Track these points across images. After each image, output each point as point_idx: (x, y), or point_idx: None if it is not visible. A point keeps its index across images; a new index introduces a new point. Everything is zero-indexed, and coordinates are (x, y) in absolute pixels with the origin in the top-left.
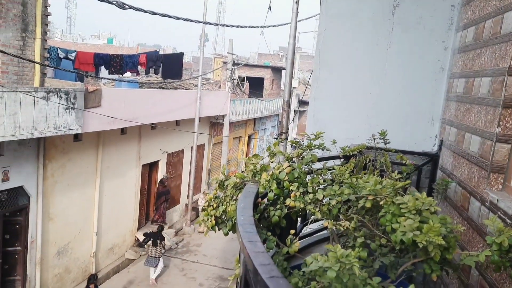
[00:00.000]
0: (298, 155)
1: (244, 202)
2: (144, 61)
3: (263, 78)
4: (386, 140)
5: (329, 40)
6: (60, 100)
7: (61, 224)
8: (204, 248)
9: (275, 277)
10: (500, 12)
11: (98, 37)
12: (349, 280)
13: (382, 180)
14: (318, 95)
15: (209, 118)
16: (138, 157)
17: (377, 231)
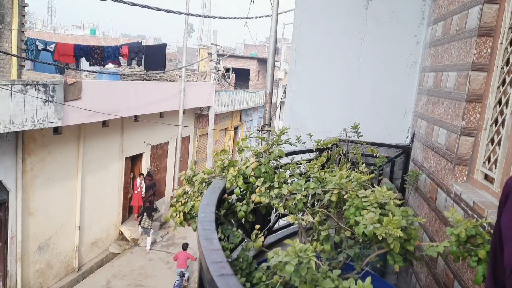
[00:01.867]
0: (266, 150)
1: (208, 199)
2: (126, 52)
3: (249, 69)
4: (359, 133)
5: (304, 34)
6: (38, 93)
7: (42, 219)
8: (189, 241)
9: (224, 275)
10: (465, 8)
11: (81, 28)
12: (307, 273)
13: (350, 173)
14: (294, 88)
15: (194, 110)
16: (121, 150)
17: (343, 224)
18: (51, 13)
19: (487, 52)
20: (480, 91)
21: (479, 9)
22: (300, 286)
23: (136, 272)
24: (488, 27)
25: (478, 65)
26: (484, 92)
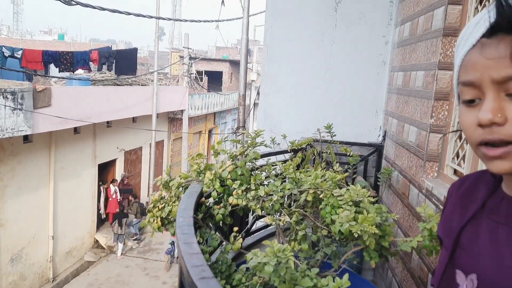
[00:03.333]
0: (241, 153)
1: (186, 203)
2: (96, 57)
3: (222, 71)
4: (332, 133)
5: (276, 36)
6: (6, 101)
7: (13, 229)
8: (166, 246)
9: (205, 278)
10: (430, 9)
11: (48, 33)
12: (286, 273)
13: (325, 173)
14: (267, 90)
15: (168, 114)
16: (94, 156)
17: (319, 223)
18: (17, 19)
19: (452, 51)
20: (447, 89)
21: (444, 10)
22: (279, 286)
23: (113, 280)
24: (452, 27)
25: (445, 64)
26: (450, 90)
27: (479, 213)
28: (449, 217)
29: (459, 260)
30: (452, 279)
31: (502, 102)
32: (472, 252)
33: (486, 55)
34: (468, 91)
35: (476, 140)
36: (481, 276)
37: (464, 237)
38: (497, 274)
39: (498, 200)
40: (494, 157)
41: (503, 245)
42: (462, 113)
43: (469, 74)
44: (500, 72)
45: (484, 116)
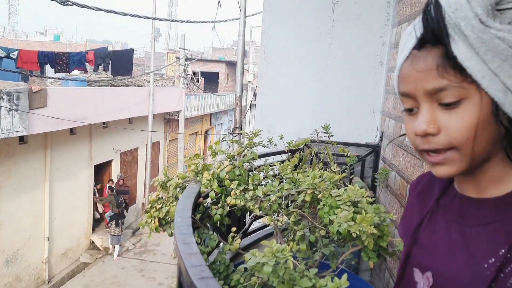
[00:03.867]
0: (239, 153)
1: (184, 203)
2: (92, 58)
3: (218, 72)
4: (329, 134)
5: (273, 37)
6: (2, 101)
7: (9, 230)
8: (162, 247)
9: (204, 278)
10: None
11: (44, 34)
12: (285, 273)
13: (323, 173)
14: (264, 90)
15: (164, 115)
16: (90, 157)
17: (317, 224)
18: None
19: None
20: None
21: None
22: (278, 286)
23: (109, 281)
24: None
25: None
26: None
27: (435, 211)
28: (408, 216)
29: (416, 258)
30: (411, 277)
31: (435, 112)
32: (428, 250)
33: (416, 68)
34: (406, 101)
35: (417, 148)
36: (436, 274)
37: (421, 235)
38: (450, 271)
39: (451, 197)
40: (435, 163)
41: (454, 243)
42: (405, 121)
43: (405, 86)
44: (430, 84)
45: (418, 128)
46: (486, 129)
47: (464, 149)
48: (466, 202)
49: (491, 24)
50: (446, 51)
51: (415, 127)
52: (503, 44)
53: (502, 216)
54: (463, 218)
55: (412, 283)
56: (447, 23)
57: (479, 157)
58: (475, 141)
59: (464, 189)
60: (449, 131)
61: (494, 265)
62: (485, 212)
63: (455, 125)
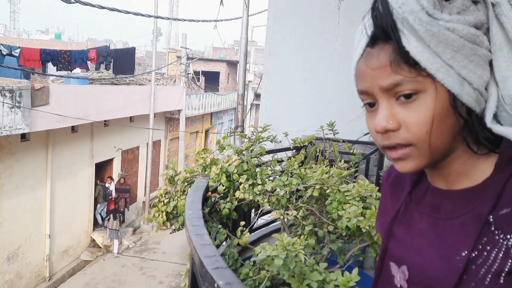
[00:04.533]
0: (247, 148)
1: (193, 196)
2: (94, 56)
3: (219, 72)
4: (335, 131)
5: (278, 34)
6: (4, 98)
7: (10, 228)
8: (163, 246)
9: (219, 268)
10: None
11: (45, 32)
12: (296, 267)
13: (330, 169)
14: (269, 88)
15: (165, 114)
16: (91, 156)
17: (325, 219)
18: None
19: None
20: None
21: None
22: (288, 280)
23: (109, 279)
24: None
25: None
26: None
27: (408, 204)
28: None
29: (393, 252)
30: (387, 272)
31: (394, 108)
32: (403, 243)
33: (371, 66)
34: (366, 99)
35: (379, 144)
36: (411, 267)
37: (396, 229)
38: (424, 265)
39: (423, 190)
40: (395, 159)
41: (428, 236)
42: (367, 118)
43: (362, 83)
44: (385, 81)
45: (378, 124)
46: (445, 122)
47: (423, 143)
48: (438, 195)
49: (438, 16)
50: (398, 47)
51: (374, 123)
52: (453, 35)
53: (472, 208)
54: (436, 211)
55: (390, 277)
56: (395, 18)
57: (439, 150)
58: (433, 134)
59: (435, 181)
60: (408, 126)
61: (466, 258)
62: (456, 204)
63: (413, 119)
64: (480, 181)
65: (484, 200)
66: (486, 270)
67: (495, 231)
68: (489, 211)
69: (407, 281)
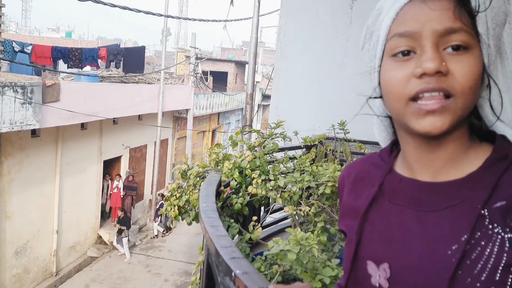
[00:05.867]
0: (260, 144)
1: (207, 190)
2: (105, 54)
3: (227, 72)
4: (346, 130)
5: (289, 33)
6: (16, 94)
7: (19, 222)
8: (169, 244)
9: (236, 258)
10: None
11: (56, 30)
12: (309, 262)
13: (341, 167)
14: (279, 87)
15: (173, 113)
16: (100, 153)
17: (337, 216)
18: (26, 16)
19: None
20: None
21: None
22: (300, 275)
23: (115, 276)
24: None
25: None
26: None
27: (379, 198)
28: (347, 208)
29: (368, 251)
30: (362, 272)
31: (442, 55)
32: (380, 239)
33: (431, 6)
34: (403, 43)
35: (410, 93)
36: (393, 264)
37: (369, 226)
38: (408, 261)
39: (396, 182)
40: (430, 111)
41: (410, 229)
42: (391, 69)
43: (408, 25)
44: (444, 24)
45: (429, 65)
46: (478, 86)
47: (464, 98)
48: (417, 187)
49: None
50: None
51: (424, 65)
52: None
53: (460, 200)
54: (416, 204)
55: (365, 277)
56: None
57: (466, 113)
58: (473, 93)
59: (414, 173)
60: (456, 75)
61: (458, 252)
62: (440, 196)
63: (462, 69)
64: (466, 174)
65: (476, 193)
66: (482, 265)
67: (490, 225)
68: (483, 204)
69: (388, 279)
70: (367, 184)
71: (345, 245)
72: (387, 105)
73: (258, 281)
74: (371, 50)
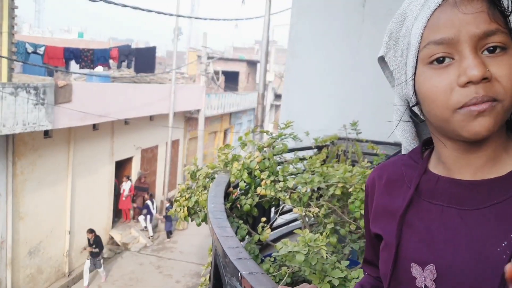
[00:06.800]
0: (269, 144)
1: (215, 191)
2: (116, 55)
3: (238, 72)
4: (358, 131)
5: (301, 32)
6: (29, 95)
7: (32, 223)
8: (180, 245)
9: (242, 259)
10: None
11: (68, 31)
12: (317, 263)
13: (352, 168)
14: (291, 86)
15: (184, 113)
16: (111, 153)
17: (347, 218)
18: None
19: None
20: None
21: None
22: (309, 276)
23: (127, 277)
24: None
25: None
26: None
27: (416, 199)
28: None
29: (410, 253)
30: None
31: (482, 59)
32: (422, 241)
33: (465, 10)
34: (440, 50)
35: (458, 104)
36: (438, 266)
37: (407, 228)
38: (454, 260)
39: (433, 182)
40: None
41: (453, 229)
42: (430, 78)
43: (443, 32)
44: (481, 27)
45: (474, 72)
46: None
47: (509, 101)
48: (456, 186)
49: None
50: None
51: (469, 73)
52: None
53: (506, 197)
54: (457, 202)
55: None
56: None
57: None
58: None
59: (452, 172)
60: (499, 79)
61: (509, 248)
62: (483, 194)
63: (504, 72)
64: (507, 171)
65: None
66: None
67: None
68: None
69: (434, 281)
70: (401, 185)
71: (382, 249)
72: (429, 113)
73: (265, 281)
74: (399, 58)
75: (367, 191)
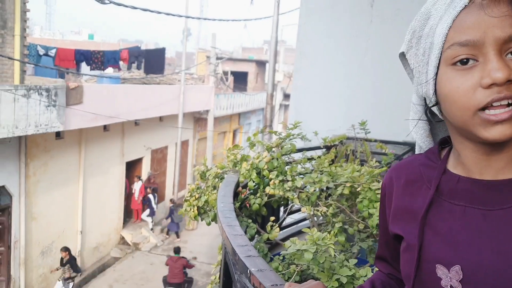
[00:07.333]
0: (278, 144)
1: (225, 190)
2: (126, 56)
3: (247, 72)
4: (366, 130)
5: (309, 32)
6: (41, 97)
7: (44, 223)
8: (190, 245)
9: (251, 256)
10: None
11: (79, 33)
12: (325, 261)
13: (361, 168)
14: (299, 86)
15: (193, 114)
16: (122, 154)
17: (355, 217)
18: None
19: None
20: None
21: None
22: (317, 275)
23: (138, 277)
24: None
25: None
26: None
27: (437, 200)
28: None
29: (434, 254)
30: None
31: (507, 62)
32: (445, 241)
33: (491, 13)
34: (464, 51)
35: (480, 105)
36: (464, 266)
37: (429, 228)
38: (479, 261)
39: (454, 182)
40: (500, 120)
41: (477, 229)
42: (453, 79)
43: (468, 34)
44: (506, 31)
45: (498, 75)
46: None
47: None
48: (478, 186)
49: None
50: None
51: (493, 75)
52: None
53: None
54: (479, 203)
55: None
56: None
57: None
58: None
59: (472, 173)
60: None
61: None
62: (505, 194)
63: None
64: None
65: None
66: None
67: None
68: None
69: (460, 281)
70: (420, 186)
71: (403, 250)
72: (449, 113)
73: (273, 278)
74: (421, 56)
75: (384, 191)
